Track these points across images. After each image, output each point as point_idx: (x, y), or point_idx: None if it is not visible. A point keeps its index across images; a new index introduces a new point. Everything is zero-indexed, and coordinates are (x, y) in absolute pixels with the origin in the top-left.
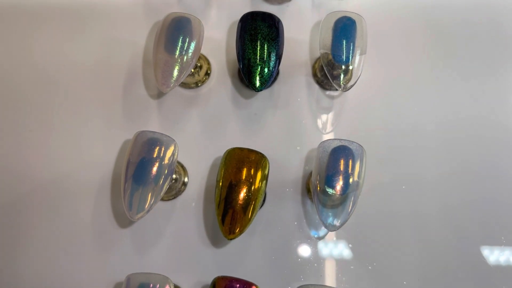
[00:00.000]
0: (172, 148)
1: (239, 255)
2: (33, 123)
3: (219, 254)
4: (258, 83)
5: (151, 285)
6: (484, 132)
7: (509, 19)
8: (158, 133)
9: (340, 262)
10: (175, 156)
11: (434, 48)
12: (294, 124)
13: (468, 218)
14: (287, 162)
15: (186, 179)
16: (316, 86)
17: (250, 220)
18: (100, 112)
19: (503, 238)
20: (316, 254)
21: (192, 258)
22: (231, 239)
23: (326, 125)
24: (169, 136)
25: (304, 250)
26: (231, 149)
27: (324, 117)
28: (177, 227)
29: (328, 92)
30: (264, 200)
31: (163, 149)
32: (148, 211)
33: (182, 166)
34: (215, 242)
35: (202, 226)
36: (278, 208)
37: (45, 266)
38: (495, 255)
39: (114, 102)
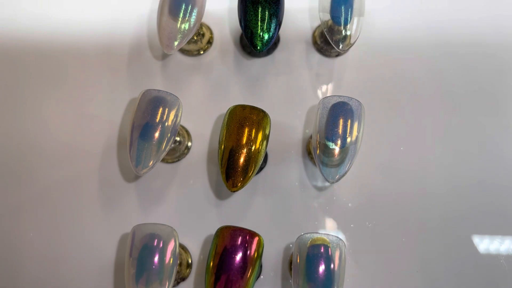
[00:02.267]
0: (176, 107)
1: (243, 211)
2: (37, 84)
3: (223, 209)
4: (259, 44)
5: (157, 235)
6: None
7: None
8: (163, 91)
9: (341, 219)
10: (180, 115)
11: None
12: (295, 89)
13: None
14: (289, 125)
15: (189, 144)
16: (317, 53)
17: (250, 177)
18: (106, 74)
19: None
20: (317, 214)
21: (197, 212)
22: (234, 191)
23: (326, 90)
24: (173, 95)
25: (306, 209)
26: (233, 107)
27: (324, 82)
28: (182, 184)
29: (328, 59)
30: (266, 161)
31: (167, 108)
32: (153, 167)
33: (186, 131)
34: (219, 196)
35: (206, 183)
36: (280, 169)
37: (50, 219)
38: None
39: (120, 65)
